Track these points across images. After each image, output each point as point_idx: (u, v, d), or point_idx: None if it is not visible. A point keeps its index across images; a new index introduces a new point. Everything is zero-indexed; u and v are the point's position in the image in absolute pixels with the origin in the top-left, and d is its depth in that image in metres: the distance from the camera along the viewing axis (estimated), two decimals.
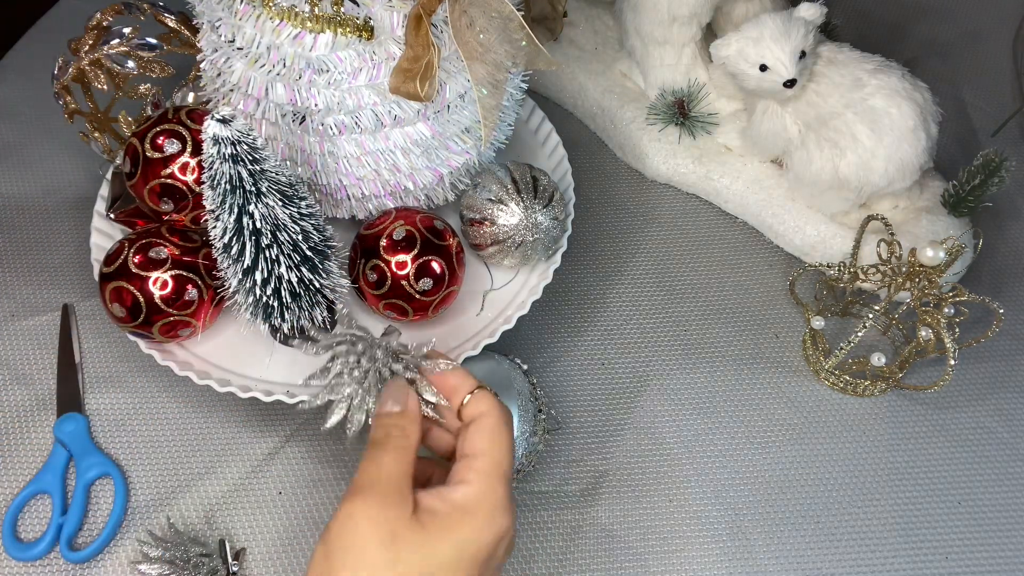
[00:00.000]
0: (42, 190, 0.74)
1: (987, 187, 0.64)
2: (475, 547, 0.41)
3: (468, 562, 0.41)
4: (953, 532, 0.59)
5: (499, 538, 0.42)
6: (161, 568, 0.55)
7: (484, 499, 0.42)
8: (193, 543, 0.56)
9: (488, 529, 0.41)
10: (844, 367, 0.64)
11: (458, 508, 0.41)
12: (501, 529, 0.42)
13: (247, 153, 0.47)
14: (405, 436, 0.44)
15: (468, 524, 0.41)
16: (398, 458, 0.43)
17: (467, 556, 0.41)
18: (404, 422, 0.44)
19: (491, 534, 0.41)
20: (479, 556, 0.41)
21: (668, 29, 0.70)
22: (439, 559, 0.40)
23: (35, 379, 0.64)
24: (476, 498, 0.42)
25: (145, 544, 0.56)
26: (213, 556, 0.56)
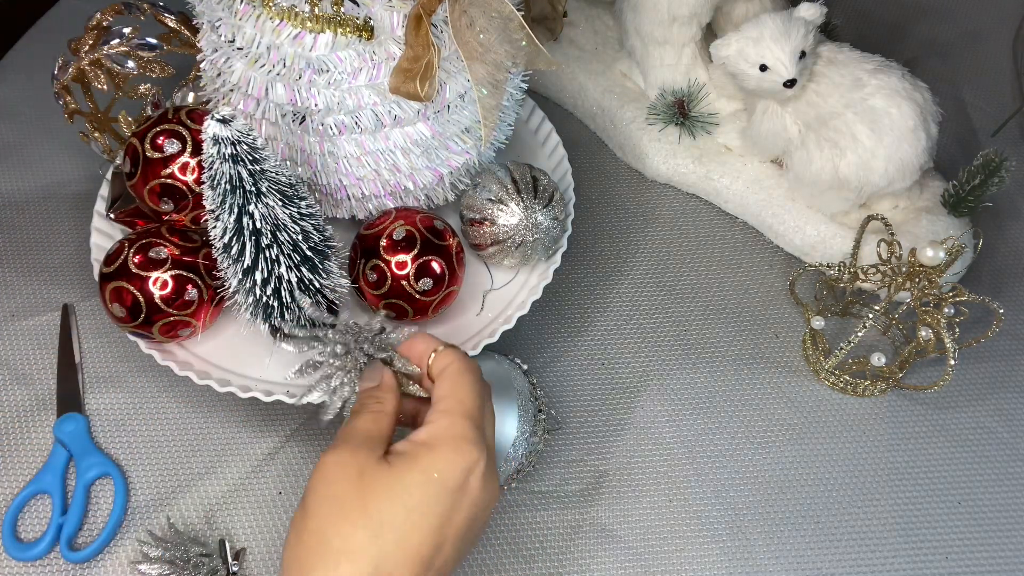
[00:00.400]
0: (42, 190, 0.74)
1: (987, 187, 0.64)
2: (441, 475, 0.42)
3: (436, 488, 0.42)
4: (953, 532, 0.59)
5: (466, 468, 0.43)
6: (161, 568, 0.55)
7: (445, 432, 0.44)
8: (193, 543, 0.56)
9: (452, 458, 0.43)
10: (844, 367, 0.64)
11: (422, 444, 0.43)
12: (467, 459, 0.43)
13: (247, 153, 0.47)
14: (379, 402, 0.46)
15: (431, 455, 0.43)
16: (371, 419, 0.45)
17: (433, 483, 0.42)
18: (379, 392, 0.47)
19: (456, 464, 0.43)
20: (447, 483, 0.42)
21: (668, 29, 0.70)
22: (405, 486, 0.42)
23: (35, 379, 0.64)
24: (438, 432, 0.44)
25: (145, 544, 0.56)
26: (213, 556, 0.56)
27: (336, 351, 0.50)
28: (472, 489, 0.43)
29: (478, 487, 0.44)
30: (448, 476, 0.42)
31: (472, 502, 0.44)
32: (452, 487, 0.42)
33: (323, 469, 0.43)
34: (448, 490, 0.42)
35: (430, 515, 0.42)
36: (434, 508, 0.42)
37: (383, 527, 0.41)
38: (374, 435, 0.45)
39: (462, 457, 0.43)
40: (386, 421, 0.46)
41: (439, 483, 0.42)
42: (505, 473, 0.55)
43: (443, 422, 0.44)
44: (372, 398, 0.47)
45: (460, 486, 0.43)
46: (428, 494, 0.42)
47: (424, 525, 0.42)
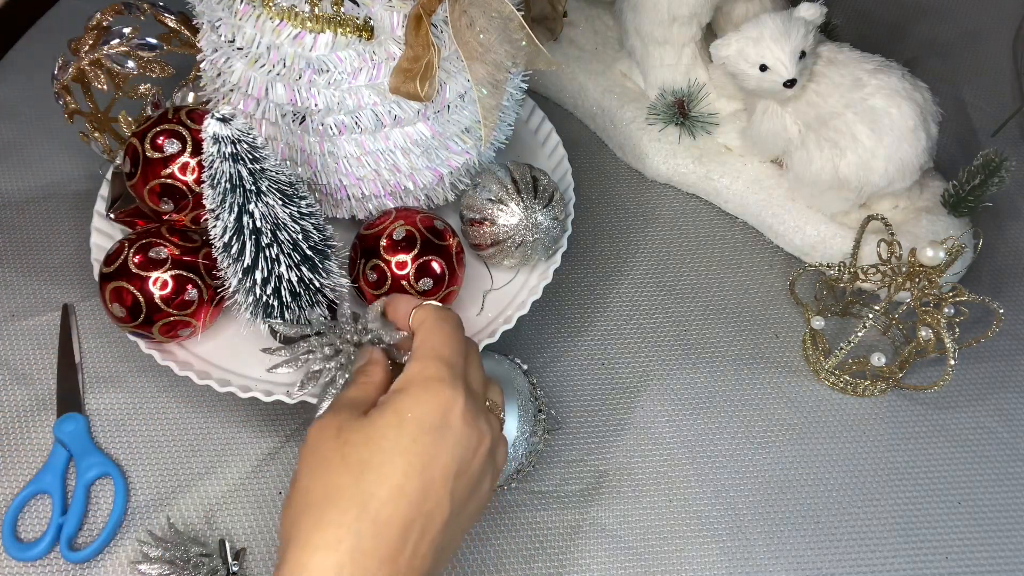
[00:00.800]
0: (42, 190, 0.74)
1: (987, 187, 0.64)
2: (414, 415, 0.42)
3: (411, 427, 0.42)
4: (953, 532, 0.59)
5: (441, 407, 0.43)
6: (161, 568, 0.55)
7: (417, 375, 0.44)
8: (193, 543, 0.56)
9: (424, 398, 0.43)
10: (844, 367, 0.64)
11: (395, 391, 0.44)
12: (441, 399, 0.43)
13: (247, 152, 0.47)
14: (366, 374, 0.48)
15: (403, 397, 0.43)
16: (356, 388, 0.47)
17: (407, 423, 0.42)
18: (367, 366, 0.48)
19: (428, 403, 0.43)
20: (422, 423, 0.42)
21: (668, 29, 0.70)
22: (379, 429, 0.42)
23: (35, 379, 0.64)
24: (409, 376, 0.44)
25: (145, 544, 0.56)
26: (213, 556, 0.56)
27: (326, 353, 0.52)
28: (454, 428, 0.43)
29: (460, 427, 0.43)
30: (422, 416, 0.42)
31: (456, 441, 0.43)
32: (428, 426, 0.42)
33: (308, 437, 0.44)
34: (424, 429, 0.42)
35: (409, 454, 0.42)
36: (411, 447, 0.42)
37: (363, 471, 0.41)
38: (358, 400, 0.45)
39: (435, 397, 0.43)
40: (371, 389, 0.47)
41: (413, 422, 0.42)
42: (505, 473, 0.55)
43: (415, 366, 0.45)
44: (361, 372, 0.48)
45: (438, 426, 0.42)
46: (403, 434, 0.42)
47: (404, 464, 0.41)
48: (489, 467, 0.46)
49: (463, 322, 0.54)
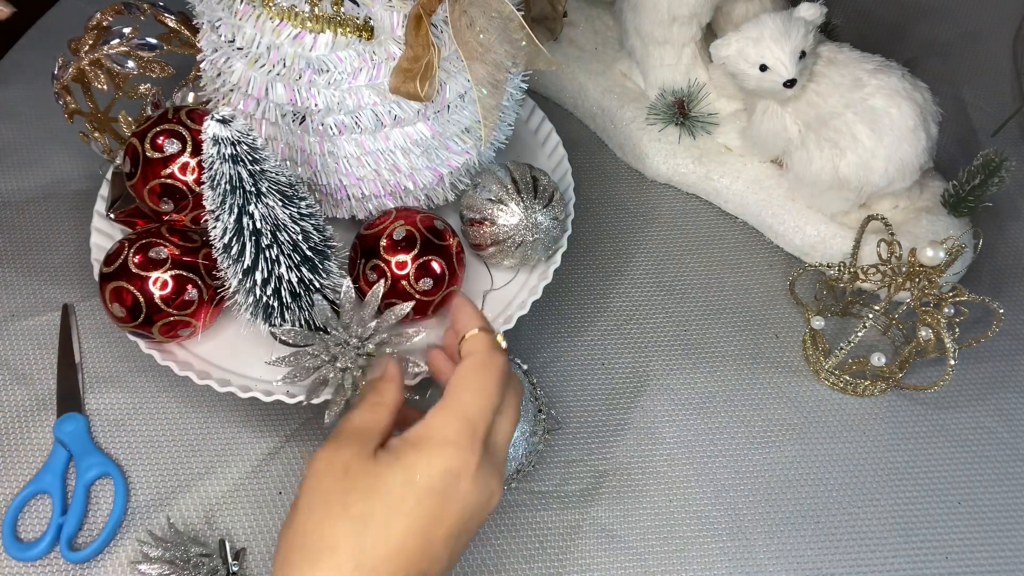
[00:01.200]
0: (42, 190, 0.74)
1: (987, 187, 0.64)
2: (424, 478, 0.42)
3: (419, 490, 0.41)
4: (953, 532, 0.59)
5: (452, 472, 0.42)
6: (161, 568, 0.55)
7: (436, 432, 0.43)
8: (193, 543, 0.56)
9: (436, 462, 0.42)
10: (844, 367, 0.64)
11: (409, 442, 0.43)
12: (453, 463, 0.42)
13: (247, 153, 0.47)
14: (378, 394, 0.47)
15: (416, 455, 0.42)
16: (366, 411, 0.46)
17: (416, 484, 0.41)
18: (379, 383, 0.47)
19: (439, 467, 0.42)
20: (431, 486, 0.42)
21: (668, 29, 0.70)
22: (387, 485, 0.41)
23: (35, 379, 0.64)
24: (428, 432, 0.43)
25: (145, 544, 0.56)
26: (213, 556, 0.56)
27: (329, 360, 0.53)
28: (462, 493, 0.42)
29: (469, 490, 0.42)
30: (432, 479, 0.42)
31: (462, 506, 0.42)
32: (437, 490, 0.42)
33: (313, 466, 0.43)
34: (432, 492, 0.42)
35: (413, 516, 0.41)
36: (416, 509, 0.41)
37: (365, 525, 0.41)
38: (367, 429, 0.45)
39: (447, 461, 0.42)
40: (383, 412, 0.46)
41: (422, 486, 0.42)
42: (505, 473, 0.55)
43: (436, 421, 0.43)
44: (372, 390, 0.47)
45: (445, 489, 0.42)
46: (409, 495, 0.41)
47: (407, 525, 0.41)
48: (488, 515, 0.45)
49: None
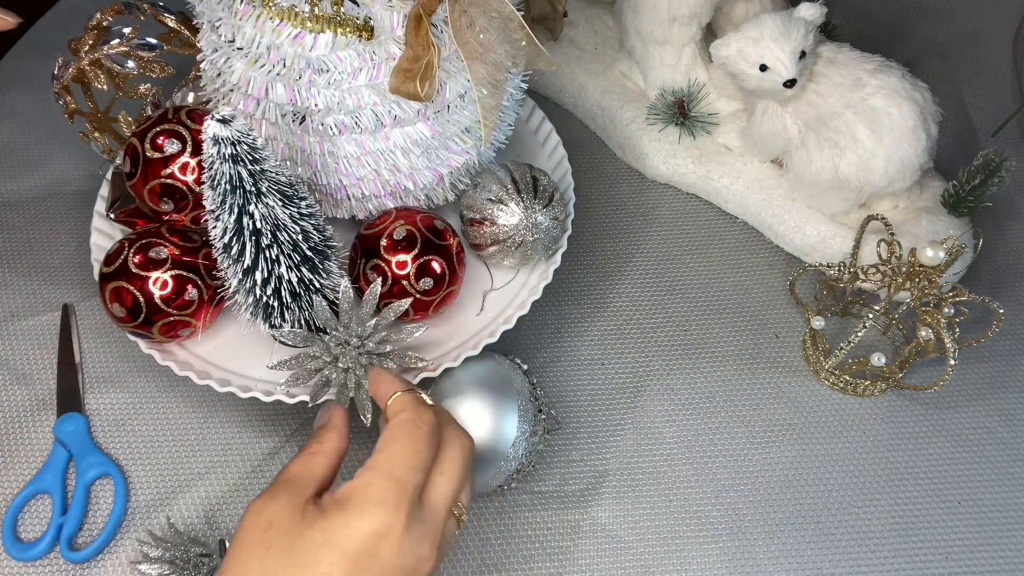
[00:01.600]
0: (42, 190, 0.74)
1: (987, 187, 0.64)
2: (343, 538, 0.40)
3: (337, 553, 0.40)
4: (953, 532, 0.59)
5: (374, 534, 0.41)
6: (161, 568, 0.55)
7: (359, 492, 0.42)
8: (193, 543, 0.56)
9: (357, 523, 0.41)
10: (844, 367, 0.64)
11: (335, 501, 0.42)
12: (373, 525, 0.41)
13: (247, 153, 0.47)
14: (318, 441, 0.46)
15: (338, 514, 0.41)
16: (302, 460, 0.45)
17: (335, 545, 0.40)
18: (321, 431, 0.47)
19: (361, 528, 0.41)
20: (349, 549, 0.40)
21: (668, 29, 0.70)
22: (305, 545, 0.40)
23: (35, 379, 0.64)
24: (352, 492, 0.42)
25: (145, 544, 0.56)
26: (213, 556, 0.56)
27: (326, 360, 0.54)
28: (383, 558, 0.41)
29: (392, 555, 0.41)
30: (351, 541, 0.40)
31: (381, 572, 0.41)
32: (355, 553, 0.40)
33: (245, 516, 0.42)
34: (348, 556, 0.40)
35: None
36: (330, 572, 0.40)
37: None
38: (300, 479, 0.43)
39: (369, 522, 0.41)
40: (320, 461, 0.45)
41: (340, 548, 0.40)
42: (505, 473, 0.55)
43: (361, 481, 0.42)
44: (314, 437, 0.46)
45: (365, 552, 0.40)
46: (324, 557, 0.40)
47: None
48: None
49: (462, 322, 0.54)
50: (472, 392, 0.55)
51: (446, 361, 0.58)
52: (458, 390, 0.55)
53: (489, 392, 0.55)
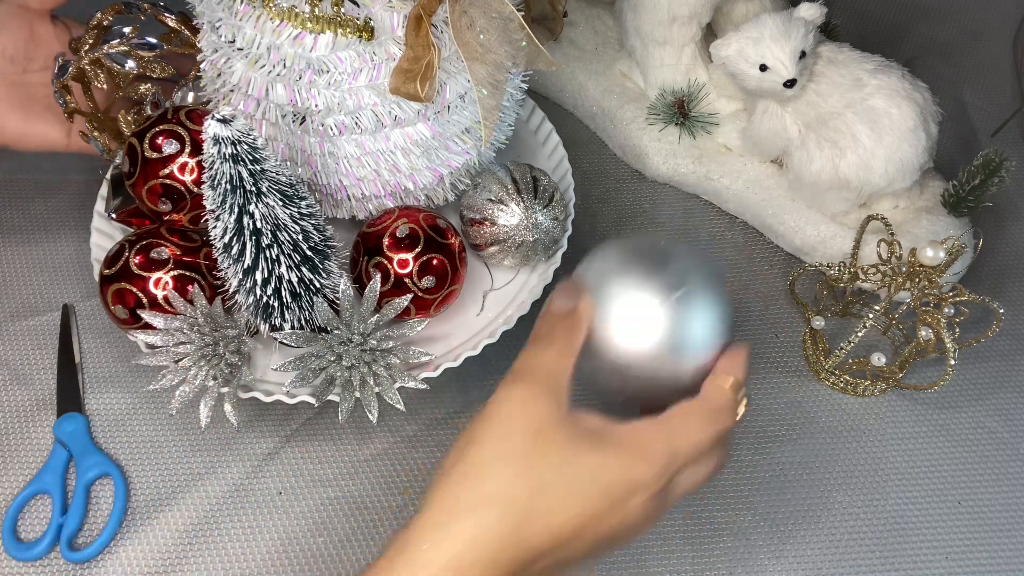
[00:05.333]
0: (42, 190, 0.74)
1: (987, 187, 0.64)
2: (611, 479, 0.41)
3: (600, 489, 0.40)
4: (953, 532, 0.59)
5: (633, 485, 0.41)
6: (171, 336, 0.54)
7: (638, 443, 0.42)
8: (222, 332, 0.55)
9: (629, 471, 0.41)
10: (844, 367, 0.64)
11: (613, 439, 0.41)
12: (640, 478, 0.41)
13: (247, 153, 0.47)
14: (570, 334, 0.44)
15: (615, 456, 0.41)
16: (560, 353, 0.43)
17: (601, 481, 0.40)
18: (571, 321, 0.44)
19: (627, 475, 0.41)
20: (613, 491, 0.41)
21: (668, 29, 0.70)
22: (575, 470, 0.40)
23: (35, 379, 0.64)
24: (633, 439, 0.42)
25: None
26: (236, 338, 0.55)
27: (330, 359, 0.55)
28: (629, 509, 0.41)
29: (635, 511, 0.41)
30: (614, 482, 0.41)
31: (622, 520, 0.41)
32: (613, 495, 0.41)
33: (506, 406, 0.41)
34: (608, 496, 0.41)
35: (581, 508, 0.40)
36: (587, 505, 0.40)
37: (541, 494, 0.40)
38: (558, 377, 0.42)
39: (636, 474, 0.41)
40: (572, 360, 0.43)
41: (603, 484, 0.41)
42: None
43: (647, 434, 0.42)
44: (563, 326, 0.44)
45: (620, 498, 0.41)
46: (590, 489, 0.40)
47: (571, 514, 0.40)
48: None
49: (462, 322, 0.54)
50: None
51: (446, 361, 0.58)
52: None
53: None
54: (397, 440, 0.62)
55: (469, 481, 0.40)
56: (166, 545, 0.58)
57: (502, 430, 0.41)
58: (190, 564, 0.57)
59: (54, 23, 0.63)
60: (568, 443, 0.41)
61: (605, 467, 0.41)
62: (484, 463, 0.40)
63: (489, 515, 0.39)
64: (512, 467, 0.40)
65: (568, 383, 0.43)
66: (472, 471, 0.40)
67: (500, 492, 0.40)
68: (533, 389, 0.42)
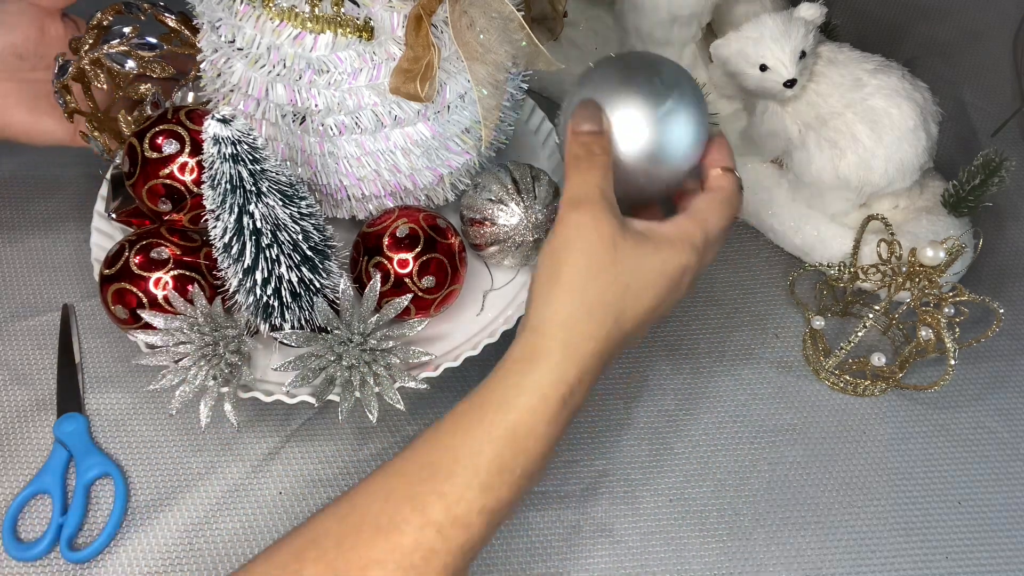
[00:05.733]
0: (42, 190, 0.74)
1: (987, 187, 0.64)
2: (671, 268, 0.49)
3: (666, 278, 0.49)
4: (953, 532, 0.59)
5: (686, 270, 0.50)
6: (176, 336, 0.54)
7: (684, 237, 0.50)
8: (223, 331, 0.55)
9: (682, 260, 0.49)
10: (844, 367, 0.64)
11: (664, 236, 0.50)
12: (689, 263, 0.50)
13: (247, 153, 0.47)
14: (605, 153, 0.51)
15: (669, 249, 0.49)
16: (604, 174, 0.50)
17: (665, 271, 0.49)
18: (603, 141, 0.51)
19: (680, 262, 0.49)
20: (673, 276, 0.49)
21: (668, 29, 0.70)
22: (648, 267, 0.49)
23: (35, 379, 0.64)
24: (678, 234, 0.50)
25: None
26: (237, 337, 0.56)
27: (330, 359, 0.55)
28: (682, 288, 0.51)
29: (685, 288, 0.51)
30: (675, 269, 0.49)
31: (677, 298, 0.51)
32: (674, 280, 0.49)
33: (579, 229, 0.48)
34: (670, 281, 0.49)
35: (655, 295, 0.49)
36: (659, 292, 0.49)
37: (625, 292, 0.48)
38: (608, 192, 0.49)
39: (686, 259, 0.50)
40: (610, 175, 0.50)
41: (668, 273, 0.49)
42: None
43: (688, 227, 0.50)
44: (597, 144, 0.51)
45: (677, 282, 0.50)
46: (659, 280, 0.49)
47: (650, 301, 0.49)
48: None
49: (462, 322, 0.54)
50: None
51: (446, 361, 0.58)
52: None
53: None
54: (397, 440, 0.62)
55: (569, 299, 0.47)
56: (166, 545, 0.58)
57: (584, 249, 0.48)
58: (190, 564, 0.57)
59: (64, 21, 0.64)
60: (635, 247, 0.48)
61: (664, 260, 0.49)
62: (578, 278, 0.48)
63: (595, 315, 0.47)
64: (603, 276, 0.48)
65: (614, 199, 0.50)
66: (571, 288, 0.47)
67: (600, 298, 0.47)
68: (594, 209, 0.48)
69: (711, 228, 0.51)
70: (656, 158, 0.51)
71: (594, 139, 0.51)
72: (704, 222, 0.51)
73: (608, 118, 0.51)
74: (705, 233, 0.51)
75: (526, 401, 0.46)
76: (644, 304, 0.49)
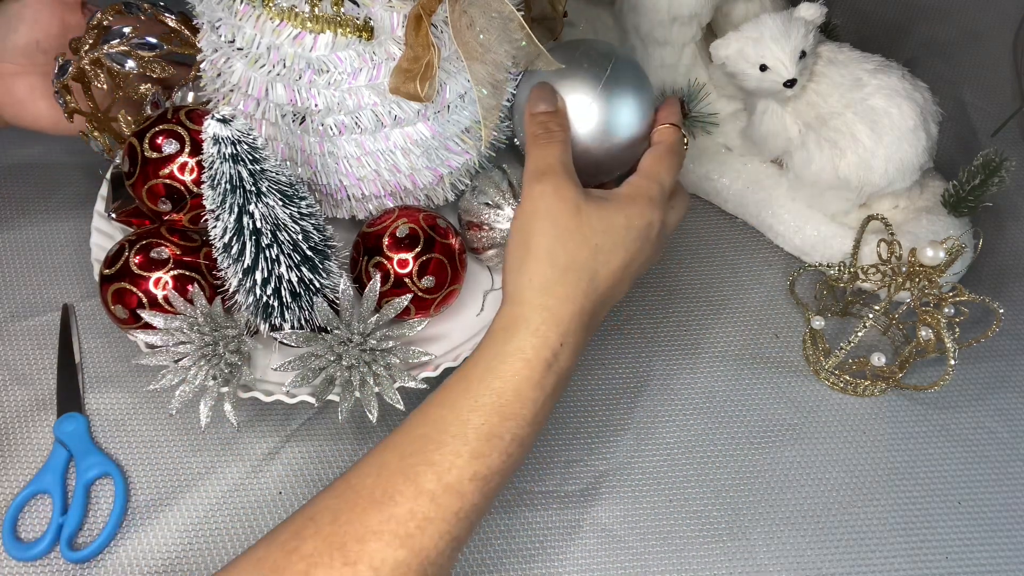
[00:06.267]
0: (42, 190, 0.74)
1: (987, 187, 0.64)
2: (636, 223, 0.52)
3: (633, 232, 0.52)
4: (953, 532, 0.59)
5: (652, 223, 0.53)
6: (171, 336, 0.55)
7: (641, 192, 0.53)
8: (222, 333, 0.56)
9: (644, 214, 0.53)
10: (844, 367, 0.64)
11: (623, 196, 0.53)
12: (653, 217, 0.53)
13: (247, 153, 0.47)
14: (562, 129, 0.55)
15: (631, 205, 0.52)
16: (563, 148, 0.54)
17: (631, 227, 0.52)
18: (559, 118, 0.55)
19: (644, 216, 0.53)
20: (640, 230, 0.52)
21: (668, 29, 0.70)
22: (614, 226, 0.52)
23: (35, 379, 0.64)
24: (635, 191, 0.53)
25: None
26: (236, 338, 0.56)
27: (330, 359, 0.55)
28: (652, 241, 0.54)
29: (655, 241, 0.54)
30: (640, 226, 0.52)
31: (650, 251, 0.54)
32: (642, 235, 0.52)
33: (544, 199, 0.51)
34: (639, 237, 0.52)
35: (628, 252, 0.52)
36: (631, 247, 0.52)
37: (596, 253, 0.51)
38: (568, 164, 0.53)
39: (649, 214, 0.53)
40: (569, 149, 0.54)
41: (636, 228, 0.52)
42: None
43: (643, 183, 0.54)
44: (553, 122, 0.55)
45: (645, 235, 0.53)
46: (628, 236, 0.52)
47: (622, 258, 0.52)
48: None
49: (462, 322, 0.54)
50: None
51: (446, 361, 0.58)
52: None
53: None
54: None
55: (542, 265, 0.50)
56: (166, 545, 0.58)
57: (550, 216, 0.51)
58: (190, 564, 0.57)
59: (84, 12, 0.65)
60: (598, 210, 0.51)
61: (628, 216, 0.52)
62: (548, 244, 0.50)
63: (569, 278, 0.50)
64: (572, 240, 0.50)
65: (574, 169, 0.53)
66: (542, 255, 0.50)
67: (572, 261, 0.50)
68: (557, 180, 0.52)
69: (664, 179, 0.54)
70: (606, 132, 0.56)
71: (550, 117, 0.55)
72: (656, 175, 0.54)
73: (563, 98, 0.55)
74: (660, 185, 0.54)
75: (509, 367, 0.47)
76: (616, 262, 0.51)
